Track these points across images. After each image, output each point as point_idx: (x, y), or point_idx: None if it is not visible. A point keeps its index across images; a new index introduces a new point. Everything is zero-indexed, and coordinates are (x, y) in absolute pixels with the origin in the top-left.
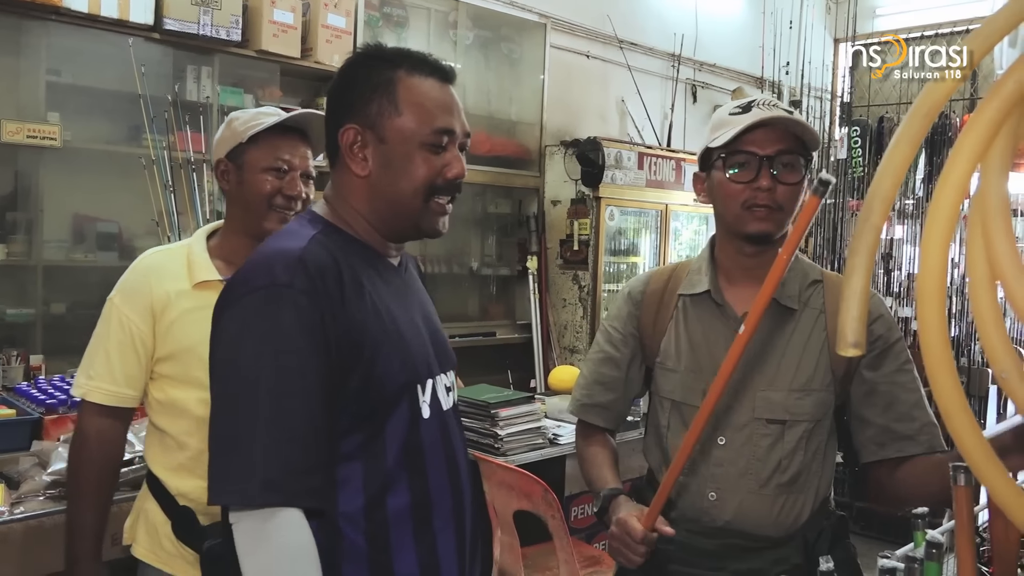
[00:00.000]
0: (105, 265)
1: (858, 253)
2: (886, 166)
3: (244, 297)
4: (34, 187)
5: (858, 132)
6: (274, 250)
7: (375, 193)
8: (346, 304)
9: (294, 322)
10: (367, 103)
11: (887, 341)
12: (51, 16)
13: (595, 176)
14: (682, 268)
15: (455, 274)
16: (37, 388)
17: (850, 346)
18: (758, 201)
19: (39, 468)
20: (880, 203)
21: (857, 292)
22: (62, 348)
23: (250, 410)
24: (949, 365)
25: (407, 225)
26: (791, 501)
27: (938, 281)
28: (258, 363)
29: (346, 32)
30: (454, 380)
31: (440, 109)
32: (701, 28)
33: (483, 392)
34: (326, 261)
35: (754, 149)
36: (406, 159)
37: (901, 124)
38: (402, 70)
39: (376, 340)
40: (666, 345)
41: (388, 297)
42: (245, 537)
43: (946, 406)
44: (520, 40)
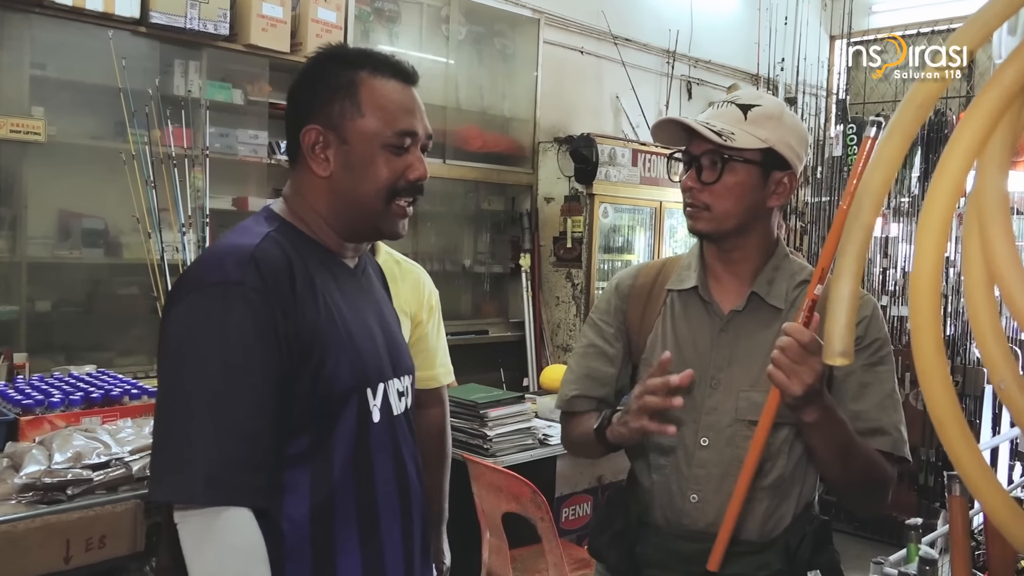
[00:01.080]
0: (91, 262)
1: (846, 255)
2: (877, 160)
3: (192, 293)
4: (18, 182)
5: (854, 130)
6: (226, 247)
7: (336, 194)
8: (298, 303)
9: (243, 320)
10: (329, 104)
11: (863, 340)
12: (35, 9)
13: (589, 173)
14: (672, 263)
15: (447, 271)
16: (15, 388)
17: (837, 355)
18: (687, 201)
19: (11, 471)
20: (870, 200)
21: (845, 298)
22: (47, 346)
23: (195, 407)
24: (942, 371)
25: (366, 226)
26: (773, 506)
27: (931, 282)
28: (205, 360)
29: (336, 27)
30: (409, 385)
31: (402, 111)
32: (696, 24)
33: (472, 392)
34: (279, 259)
35: (690, 149)
36: (368, 160)
37: (894, 115)
38: (365, 71)
39: (326, 341)
40: (652, 341)
41: (341, 299)
42: (191, 537)
43: (939, 415)
44: (513, 35)
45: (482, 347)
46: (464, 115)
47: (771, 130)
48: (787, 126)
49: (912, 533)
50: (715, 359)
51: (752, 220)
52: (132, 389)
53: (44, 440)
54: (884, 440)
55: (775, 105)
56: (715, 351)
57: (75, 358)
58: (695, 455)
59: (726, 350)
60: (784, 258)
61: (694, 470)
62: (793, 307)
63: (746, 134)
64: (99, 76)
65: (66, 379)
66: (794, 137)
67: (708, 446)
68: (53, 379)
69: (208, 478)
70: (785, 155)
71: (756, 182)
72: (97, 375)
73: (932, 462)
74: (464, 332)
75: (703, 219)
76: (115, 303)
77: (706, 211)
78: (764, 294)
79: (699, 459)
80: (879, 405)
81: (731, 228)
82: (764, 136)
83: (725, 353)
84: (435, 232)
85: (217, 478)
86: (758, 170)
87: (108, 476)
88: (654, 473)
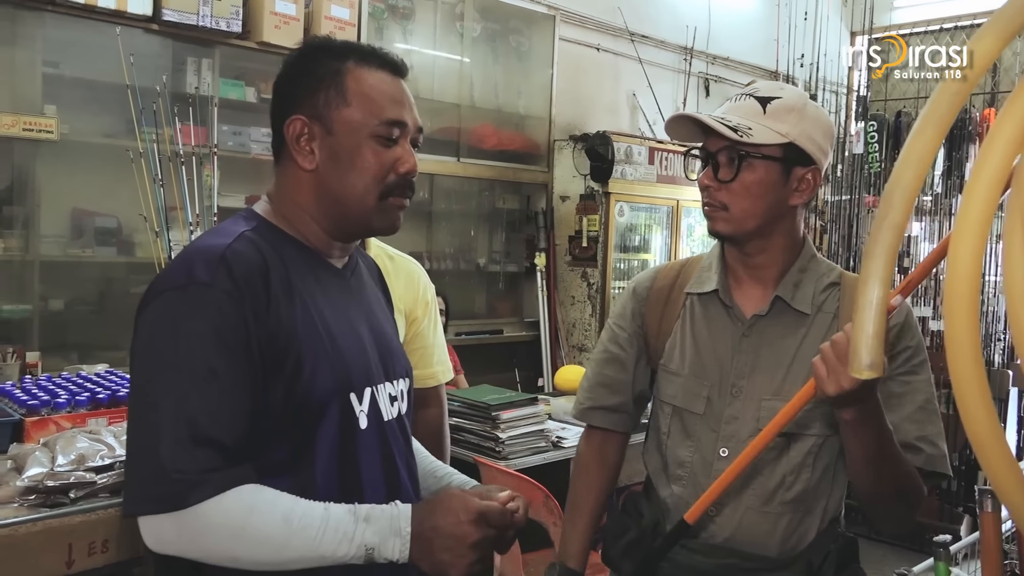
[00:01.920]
0: (104, 260)
1: (875, 256)
2: (907, 155)
3: (160, 295)
4: (31, 181)
5: (875, 127)
6: (197, 248)
7: (323, 188)
8: (271, 305)
9: (211, 322)
10: (314, 93)
11: (893, 348)
12: (47, 7)
13: (604, 171)
14: (692, 264)
15: (462, 270)
16: (22, 388)
17: (865, 367)
18: (704, 200)
19: (15, 473)
20: (901, 198)
21: (874, 303)
22: (59, 345)
23: (160, 414)
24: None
25: (357, 223)
26: (796, 520)
27: (970, 289)
28: (170, 364)
29: (350, 24)
30: (404, 389)
31: (390, 100)
32: (714, 21)
33: (485, 393)
34: (253, 259)
35: (706, 146)
36: (354, 151)
37: (925, 107)
38: (350, 61)
39: (302, 346)
40: (670, 346)
41: (323, 301)
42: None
43: (977, 432)
44: (529, 33)
45: (496, 347)
46: (479, 113)
47: (792, 123)
48: (810, 118)
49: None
50: (736, 366)
51: (774, 220)
52: None
53: (48, 442)
54: (914, 456)
55: (797, 97)
56: (736, 357)
57: (88, 357)
58: (714, 466)
59: (748, 356)
60: (811, 259)
61: (712, 482)
62: (820, 311)
63: (765, 128)
64: (111, 74)
65: (73, 379)
66: (818, 130)
67: (727, 457)
68: (61, 379)
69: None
70: (808, 150)
71: (776, 179)
72: (105, 375)
73: (955, 466)
74: (478, 331)
75: (721, 220)
76: (128, 302)
77: (724, 211)
78: (789, 298)
79: (718, 470)
80: (910, 418)
81: (752, 229)
82: (784, 130)
83: (747, 360)
84: (449, 231)
85: (180, 482)
86: (778, 166)
87: (112, 479)
88: (672, 483)
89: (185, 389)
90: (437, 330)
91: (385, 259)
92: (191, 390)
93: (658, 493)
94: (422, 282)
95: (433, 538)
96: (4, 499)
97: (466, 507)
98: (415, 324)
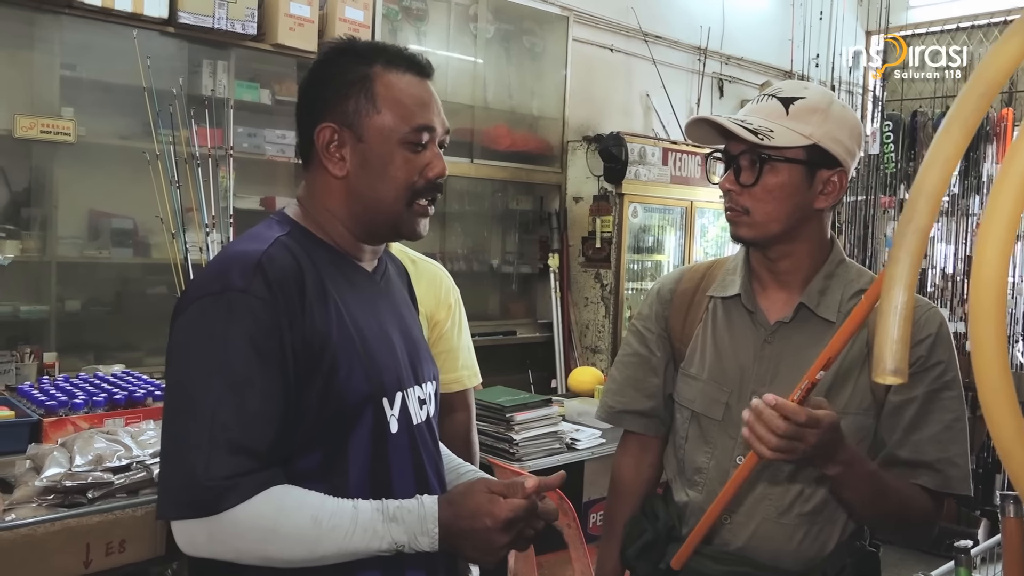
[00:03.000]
0: (120, 261)
1: (899, 261)
2: (933, 157)
3: (195, 302)
4: (48, 182)
5: (890, 127)
6: (233, 253)
7: (353, 194)
8: (307, 311)
9: (246, 329)
10: (343, 100)
11: (926, 362)
12: (64, 10)
13: (618, 172)
14: (718, 266)
15: (475, 271)
16: (40, 388)
17: (889, 373)
18: (726, 204)
19: (33, 473)
20: (927, 201)
21: (899, 308)
22: (76, 345)
23: (194, 419)
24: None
25: (386, 227)
26: (814, 532)
27: (996, 294)
28: (205, 371)
29: (364, 26)
30: (432, 392)
31: (420, 105)
32: (728, 20)
33: (499, 395)
34: (288, 265)
35: (728, 148)
36: (386, 158)
37: (951, 108)
38: (379, 65)
39: (337, 350)
40: (692, 350)
41: (355, 304)
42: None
43: (1006, 446)
44: (542, 33)
45: (510, 348)
46: (492, 114)
47: (816, 124)
48: (835, 119)
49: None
50: (758, 372)
51: (799, 224)
52: (155, 391)
53: (66, 442)
54: (931, 477)
55: (821, 96)
56: (758, 364)
57: (104, 357)
58: (730, 473)
59: (770, 363)
60: (839, 264)
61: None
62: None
63: (787, 130)
64: (128, 76)
65: (91, 380)
66: (844, 131)
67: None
68: (78, 379)
69: (205, 491)
70: (833, 151)
71: (800, 182)
72: (121, 376)
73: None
74: (491, 333)
75: (744, 224)
76: (144, 303)
77: (746, 215)
78: (814, 305)
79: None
80: (935, 438)
81: (775, 233)
82: (808, 132)
83: (769, 367)
84: (463, 232)
85: (211, 490)
86: (802, 169)
87: (129, 479)
88: (688, 489)
89: (219, 396)
90: (462, 334)
91: (407, 262)
92: (225, 397)
93: (676, 498)
94: (444, 285)
95: (462, 540)
96: (23, 499)
97: (493, 514)
98: (437, 327)
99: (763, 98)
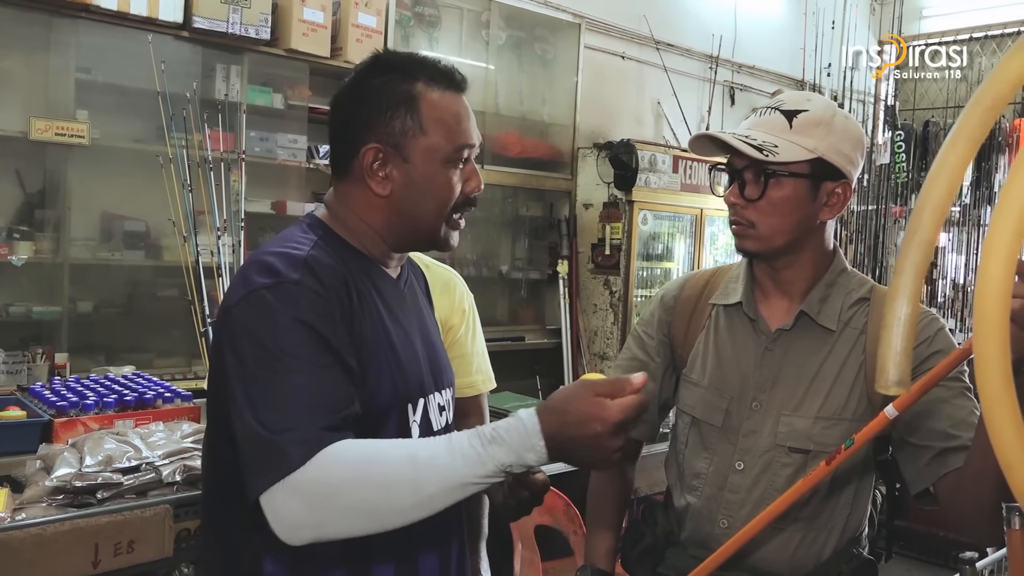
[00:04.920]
0: (132, 264)
1: (904, 272)
2: (939, 169)
3: (245, 298)
4: (62, 185)
5: (902, 136)
6: (272, 252)
7: (395, 212)
8: (354, 314)
9: (306, 314)
10: (389, 121)
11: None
12: (81, 14)
13: (628, 179)
14: (721, 274)
15: (485, 277)
16: (51, 389)
17: (892, 384)
18: (731, 217)
19: (43, 473)
20: (931, 214)
21: (902, 320)
22: (88, 347)
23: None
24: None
25: (422, 241)
26: (810, 539)
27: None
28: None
29: (377, 31)
30: (450, 398)
31: (461, 123)
32: (740, 29)
33: (506, 400)
34: (336, 268)
35: (732, 162)
36: (430, 179)
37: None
38: (420, 83)
39: (370, 355)
40: (693, 356)
41: (384, 311)
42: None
43: (1007, 456)
44: (554, 40)
45: (518, 354)
46: (503, 120)
47: (820, 138)
48: (838, 131)
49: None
50: (758, 379)
51: (803, 235)
52: (165, 392)
53: (76, 443)
54: None
55: (824, 108)
56: (759, 371)
57: (115, 359)
58: (729, 479)
59: (771, 370)
60: (841, 273)
61: (727, 495)
62: (848, 327)
63: (791, 145)
64: (142, 80)
65: (101, 381)
66: (847, 142)
67: (743, 471)
68: (89, 380)
69: (300, 442)
70: (837, 163)
71: (805, 196)
72: (132, 377)
73: None
74: (500, 338)
75: (749, 238)
76: (155, 304)
77: (752, 229)
78: (814, 313)
79: (732, 484)
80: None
81: (780, 246)
82: (812, 145)
83: (769, 374)
84: (473, 238)
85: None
86: (807, 183)
87: (138, 480)
88: (687, 494)
89: (288, 378)
90: (476, 339)
91: (422, 267)
92: (294, 378)
93: (675, 503)
94: (458, 290)
95: (571, 449)
96: (33, 498)
97: (603, 418)
98: (451, 332)
99: (766, 111)
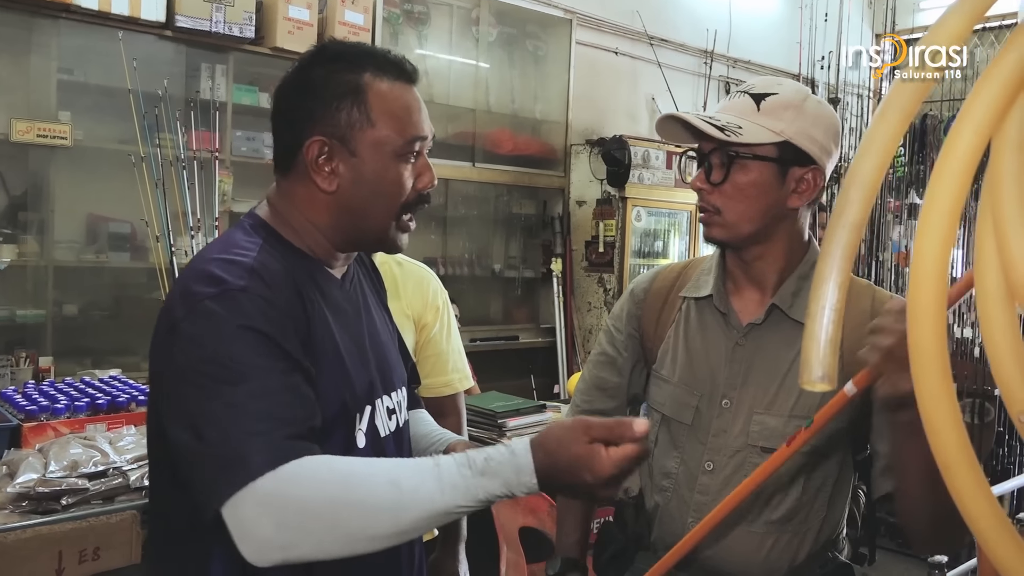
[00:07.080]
0: (117, 266)
1: (830, 256)
2: (867, 144)
3: (191, 314)
4: (45, 187)
5: None
6: (214, 259)
7: (342, 209)
8: (306, 320)
9: (255, 321)
10: (334, 112)
11: None
12: (62, 14)
13: (621, 176)
14: (693, 266)
15: (477, 276)
16: (23, 393)
17: (816, 380)
18: (698, 203)
19: (8, 479)
20: (859, 193)
21: (827, 308)
22: (73, 350)
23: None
24: (949, 401)
25: (369, 241)
26: (783, 541)
27: (935, 292)
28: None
29: (364, 29)
30: (401, 399)
31: (411, 115)
32: (735, 23)
33: (492, 400)
34: (281, 272)
35: (700, 147)
36: (379, 173)
37: (887, 95)
38: (368, 73)
39: (317, 366)
40: (663, 351)
41: (331, 316)
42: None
43: (945, 457)
44: (545, 37)
45: (512, 353)
46: (495, 118)
47: (788, 121)
48: (809, 115)
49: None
50: (728, 376)
51: (773, 223)
52: (139, 395)
53: (43, 448)
54: None
55: (795, 92)
56: (729, 367)
57: (101, 362)
58: (698, 479)
59: (741, 366)
60: (815, 265)
61: (695, 496)
62: None
63: (756, 127)
64: (124, 80)
65: (76, 385)
66: (818, 128)
67: (712, 471)
68: (64, 384)
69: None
70: (806, 148)
71: (772, 180)
72: (108, 380)
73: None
74: (494, 338)
75: (716, 224)
76: (141, 307)
77: (717, 215)
78: (786, 307)
79: (701, 484)
80: None
81: (748, 234)
82: (779, 128)
83: (740, 370)
84: (465, 236)
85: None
86: (773, 167)
87: (104, 486)
88: (656, 494)
89: (242, 386)
90: (452, 336)
91: (393, 265)
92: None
93: (645, 504)
94: (431, 287)
95: (562, 488)
96: None
97: (593, 470)
98: (425, 330)
99: (736, 95)
